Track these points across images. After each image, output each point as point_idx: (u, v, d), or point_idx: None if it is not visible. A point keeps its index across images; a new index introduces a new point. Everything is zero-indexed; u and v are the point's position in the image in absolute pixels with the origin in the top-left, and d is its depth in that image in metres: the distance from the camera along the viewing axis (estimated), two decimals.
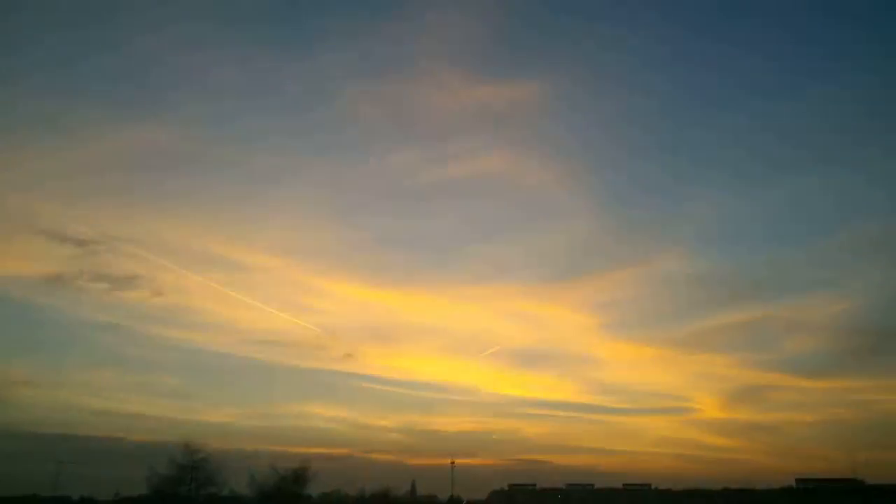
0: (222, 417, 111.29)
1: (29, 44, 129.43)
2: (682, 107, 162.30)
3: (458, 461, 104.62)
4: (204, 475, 66.01)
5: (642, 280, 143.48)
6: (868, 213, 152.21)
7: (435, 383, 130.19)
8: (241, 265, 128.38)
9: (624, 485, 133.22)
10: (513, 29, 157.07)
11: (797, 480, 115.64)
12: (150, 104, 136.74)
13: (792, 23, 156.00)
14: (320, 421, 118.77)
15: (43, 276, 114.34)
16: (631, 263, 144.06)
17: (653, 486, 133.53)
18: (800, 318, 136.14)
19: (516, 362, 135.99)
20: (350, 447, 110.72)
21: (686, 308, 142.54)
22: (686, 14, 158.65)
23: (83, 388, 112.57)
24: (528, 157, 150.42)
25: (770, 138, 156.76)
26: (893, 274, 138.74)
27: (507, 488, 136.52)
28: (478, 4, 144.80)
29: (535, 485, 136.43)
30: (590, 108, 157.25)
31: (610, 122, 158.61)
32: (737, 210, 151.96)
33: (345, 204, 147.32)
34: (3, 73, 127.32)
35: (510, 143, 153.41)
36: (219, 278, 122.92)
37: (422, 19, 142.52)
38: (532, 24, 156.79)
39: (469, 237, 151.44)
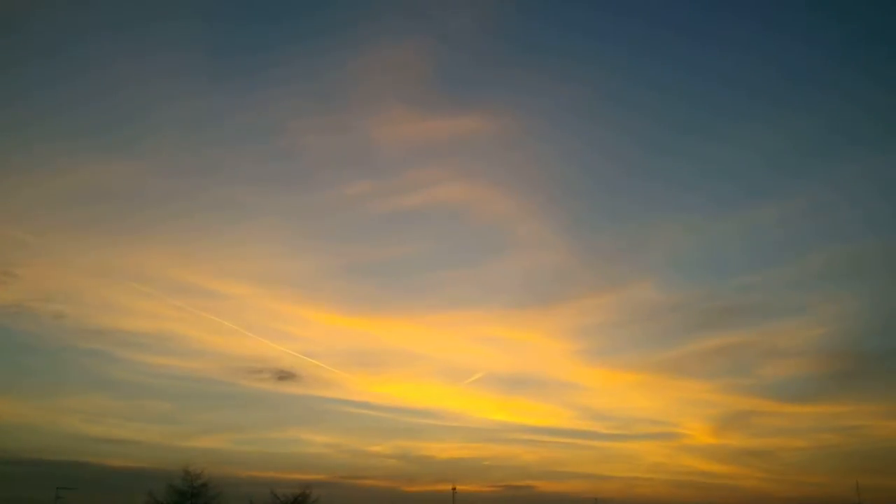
0: (212, 443, 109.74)
1: None
2: (651, 135, 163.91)
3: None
4: (203, 501, 62.79)
5: (616, 307, 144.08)
6: (840, 237, 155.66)
7: (422, 409, 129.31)
8: (216, 293, 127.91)
9: None
10: (466, 63, 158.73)
11: None
12: (118, 138, 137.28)
13: (765, 51, 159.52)
14: (311, 447, 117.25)
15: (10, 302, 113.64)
16: (603, 291, 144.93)
17: None
18: (776, 343, 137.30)
19: (501, 388, 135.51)
20: (343, 473, 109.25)
21: (661, 334, 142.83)
22: (654, 42, 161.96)
23: (69, 413, 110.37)
24: (488, 188, 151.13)
25: (741, 164, 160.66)
26: (866, 298, 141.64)
27: None
28: (427, 40, 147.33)
29: None
30: (552, 140, 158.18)
31: (575, 152, 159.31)
32: (708, 237, 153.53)
33: (310, 234, 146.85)
34: None
35: (469, 175, 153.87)
36: (197, 305, 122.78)
37: (372, 56, 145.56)
38: (486, 58, 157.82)
39: (436, 265, 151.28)
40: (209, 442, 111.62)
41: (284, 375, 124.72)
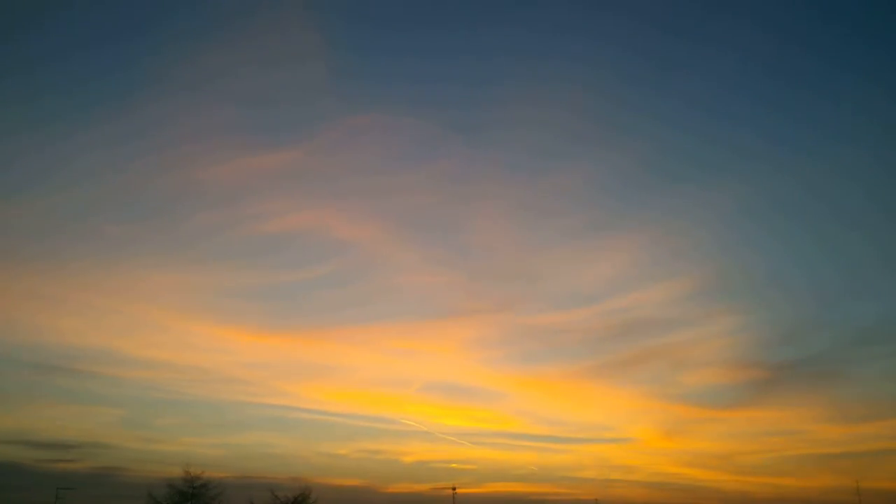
0: (178, 447, 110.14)
1: None
2: (522, 159, 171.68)
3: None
4: (203, 502, 62.80)
5: (514, 324, 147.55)
6: (716, 253, 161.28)
7: (375, 415, 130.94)
8: (127, 314, 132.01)
9: None
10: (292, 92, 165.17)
11: None
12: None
13: (590, 82, 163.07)
14: (277, 448, 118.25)
15: None
16: (499, 309, 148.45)
17: None
18: (686, 354, 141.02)
19: (442, 395, 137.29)
20: (315, 473, 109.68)
21: (570, 347, 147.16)
22: (503, 67, 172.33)
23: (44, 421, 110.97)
24: (339, 214, 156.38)
25: (620, 184, 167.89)
26: (761, 311, 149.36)
27: None
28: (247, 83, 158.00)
29: None
30: (410, 170, 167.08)
31: (441, 177, 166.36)
32: (593, 259, 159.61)
33: (186, 261, 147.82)
34: None
35: (319, 203, 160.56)
36: (120, 324, 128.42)
37: (191, 101, 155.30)
38: (318, 83, 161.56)
39: (317, 286, 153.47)
40: (175, 446, 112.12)
41: (225, 385, 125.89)
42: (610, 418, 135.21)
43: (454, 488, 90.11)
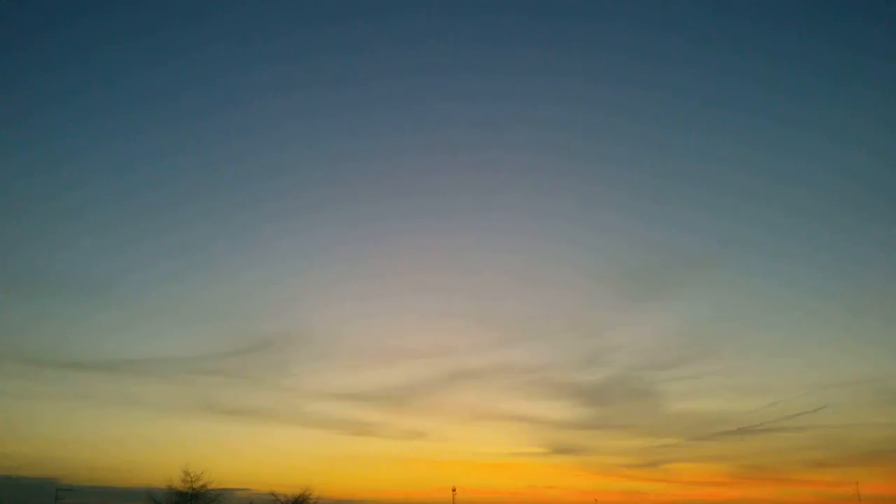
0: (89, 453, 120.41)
1: None
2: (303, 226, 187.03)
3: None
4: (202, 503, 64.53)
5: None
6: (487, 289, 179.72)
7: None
8: None
9: None
10: None
11: None
12: None
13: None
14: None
15: None
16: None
17: None
18: (513, 382, 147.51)
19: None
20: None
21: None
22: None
23: None
24: None
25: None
26: (551, 340, 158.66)
27: None
28: None
29: None
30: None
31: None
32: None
33: None
34: None
35: None
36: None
37: None
38: None
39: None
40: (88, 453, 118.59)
41: None
42: (501, 440, 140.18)
43: (454, 489, 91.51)
